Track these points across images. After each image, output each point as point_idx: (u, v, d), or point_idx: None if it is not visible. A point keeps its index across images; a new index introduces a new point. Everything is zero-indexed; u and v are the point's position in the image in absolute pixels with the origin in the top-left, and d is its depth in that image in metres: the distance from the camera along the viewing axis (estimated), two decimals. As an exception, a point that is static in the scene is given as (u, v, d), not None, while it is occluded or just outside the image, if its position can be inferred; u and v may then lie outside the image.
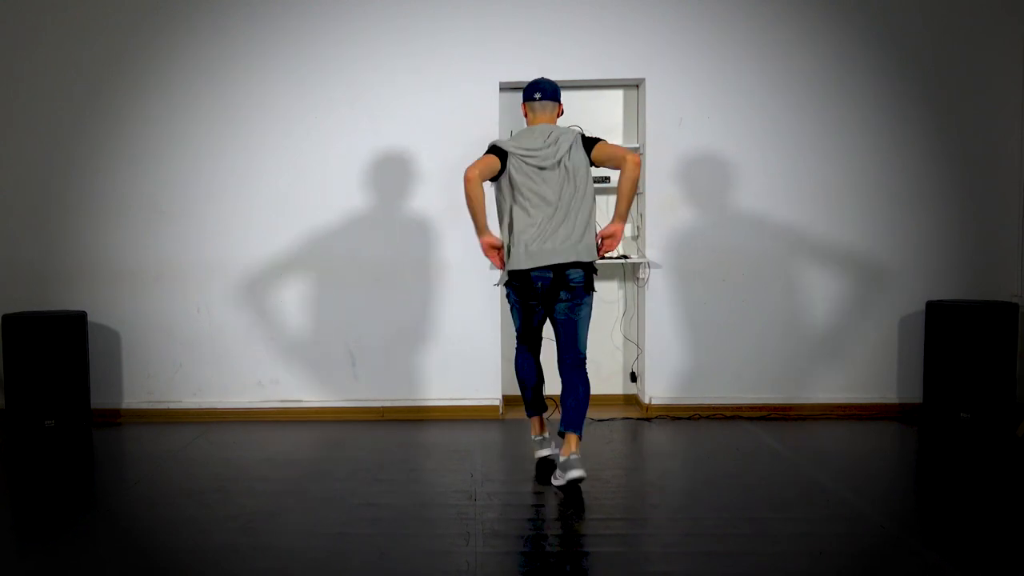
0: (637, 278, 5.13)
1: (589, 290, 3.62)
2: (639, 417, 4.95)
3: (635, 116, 5.19)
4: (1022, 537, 3.08)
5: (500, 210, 3.71)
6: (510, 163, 3.58)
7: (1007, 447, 4.27)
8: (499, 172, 3.62)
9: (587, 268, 3.59)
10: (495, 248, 3.67)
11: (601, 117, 5.16)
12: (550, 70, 4.34)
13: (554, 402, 4.15)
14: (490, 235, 3.66)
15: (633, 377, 5.27)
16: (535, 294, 3.59)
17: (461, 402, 4.99)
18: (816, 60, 4.88)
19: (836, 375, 4.96)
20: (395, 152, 4.95)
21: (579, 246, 3.55)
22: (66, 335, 4.68)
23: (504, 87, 4.96)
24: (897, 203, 4.90)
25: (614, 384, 5.31)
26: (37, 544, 3.12)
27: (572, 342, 3.65)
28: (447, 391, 5.00)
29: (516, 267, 3.58)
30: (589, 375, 3.69)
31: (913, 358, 4.88)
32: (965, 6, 4.85)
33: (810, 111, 4.90)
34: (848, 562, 2.85)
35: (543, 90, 3.70)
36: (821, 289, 4.93)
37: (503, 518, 3.28)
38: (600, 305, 5.17)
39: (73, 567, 2.88)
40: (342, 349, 5.00)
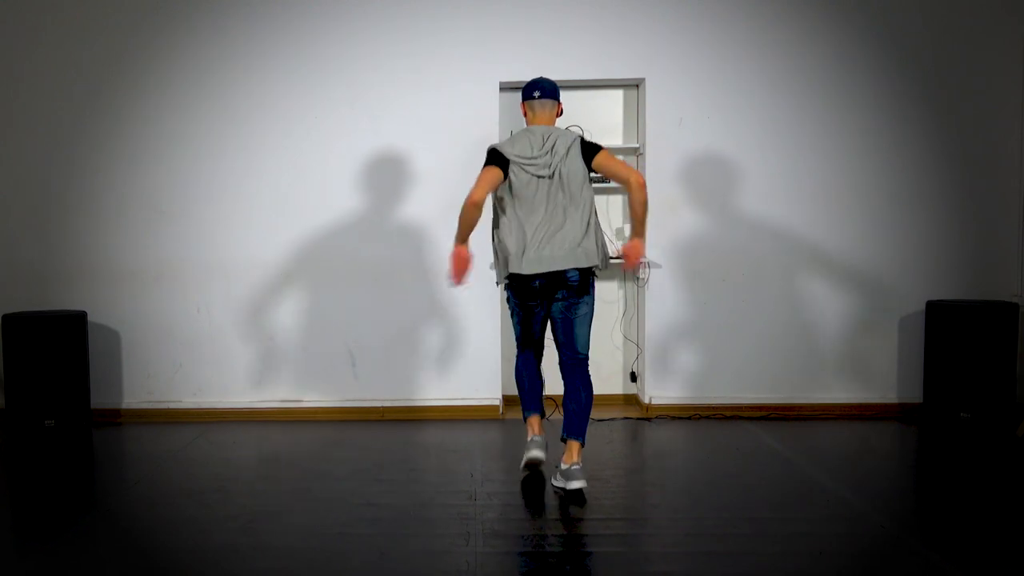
0: (637, 278, 5.13)
1: (583, 293, 3.55)
2: (639, 417, 4.95)
3: (635, 116, 5.19)
4: (1022, 537, 3.08)
5: (497, 212, 3.64)
6: (510, 169, 3.52)
7: (1007, 447, 4.27)
8: (505, 169, 3.54)
9: (584, 271, 3.53)
10: (463, 260, 3.61)
11: (601, 117, 5.16)
12: (550, 70, 4.34)
13: (555, 403, 4.15)
14: (466, 248, 3.61)
15: (633, 377, 5.27)
16: (533, 292, 3.57)
17: (461, 402, 4.98)
18: (816, 60, 4.88)
19: (836, 375, 4.96)
20: (395, 152, 4.95)
21: (576, 251, 3.49)
22: (66, 335, 4.68)
23: (504, 87, 4.95)
24: (897, 203, 4.90)
25: (614, 384, 5.31)
26: (37, 544, 3.12)
27: (570, 342, 3.60)
28: (447, 391, 5.00)
29: (514, 271, 3.53)
30: (590, 375, 3.65)
31: (913, 358, 4.88)
32: (965, 6, 4.85)
33: (810, 111, 4.90)
34: (848, 562, 2.85)
35: (542, 88, 3.65)
36: (821, 289, 4.93)
37: (503, 518, 3.28)
38: (600, 305, 5.13)
39: (73, 567, 2.89)
40: (342, 349, 5.00)
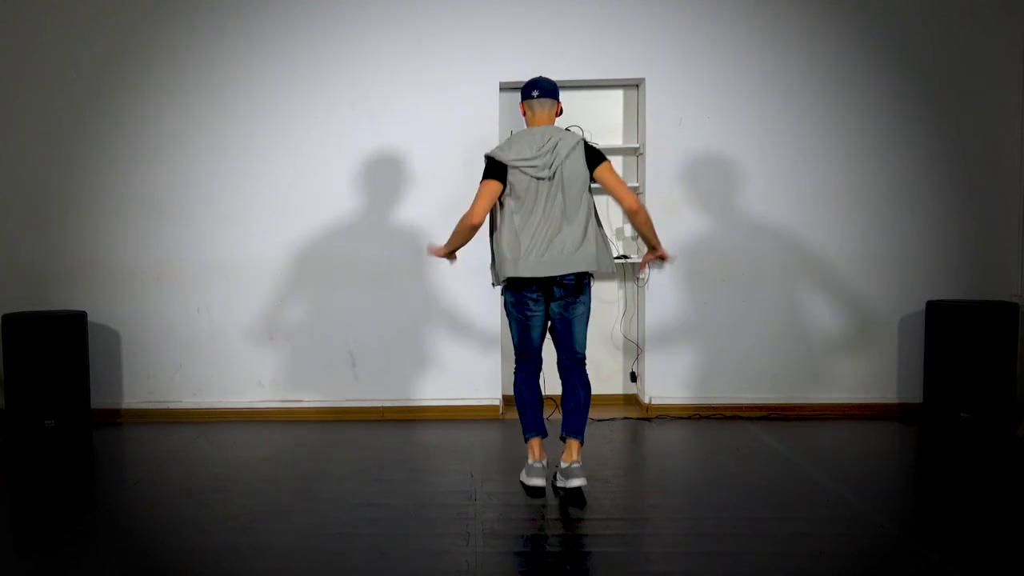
0: (637, 278, 5.13)
1: (579, 293, 3.54)
2: (639, 417, 4.95)
3: (635, 116, 5.19)
4: (1022, 537, 3.08)
5: (495, 214, 3.60)
6: (509, 174, 3.49)
7: (1007, 447, 4.27)
8: (504, 179, 3.51)
9: (580, 274, 3.52)
10: (443, 257, 3.72)
11: (601, 117, 5.16)
12: (550, 70, 4.33)
13: (554, 402, 4.15)
14: (452, 255, 3.71)
15: (633, 377, 5.27)
16: (531, 292, 3.56)
17: (461, 402, 4.98)
18: (816, 60, 4.88)
19: (836, 375, 4.96)
20: (395, 152, 4.95)
21: (575, 257, 3.47)
22: (66, 335, 4.68)
23: (504, 87, 4.95)
24: (897, 203, 4.90)
25: (614, 384, 5.31)
26: (37, 544, 3.13)
27: (569, 342, 3.59)
28: (447, 391, 5.00)
29: (511, 275, 3.51)
30: (589, 375, 3.65)
31: (913, 358, 4.88)
32: (965, 6, 4.85)
33: (810, 111, 4.90)
34: (848, 562, 2.85)
35: (541, 88, 3.61)
36: (821, 289, 4.93)
37: (503, 518, 3.28)
38: (600, 305, 5.18)
39: (73, 567, 2.89)
40: (342, 349, 5.00)
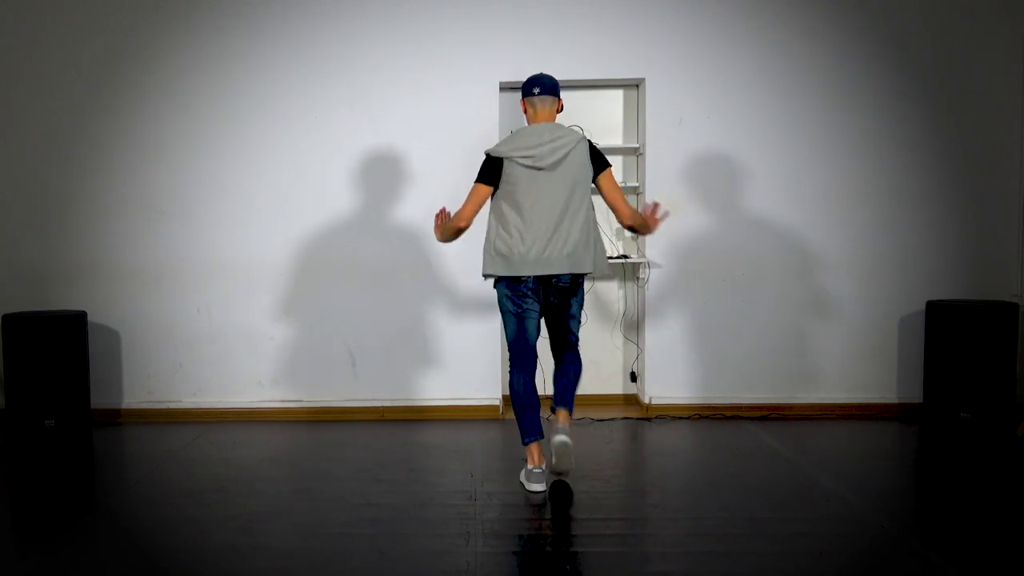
0: (637, 278, 5.13)
1: (573, 294, 3.57)
2: (639, 417, 4.95)
3: (635, 116, 5.19)
4: (1022, 537, 3.08)
5: (492, 209, 3.61)
6: (505, 168, 3.50)
7: (1007, 447, 4.27)
8: (497, 180, 3.53)
9: (575, 275, 3.54)
10: (441, 222, 3.68)
11: (601, 117, 5.16)
12: (550, 70, 4.31)
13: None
14: (451, 231, 3.66)
15: (633, 377, 5.27)
16: (527, 287, 3.56)
17: (461, 402, 4.98)
18: (816, 60, 4.88)
19: (836, 375, 4.96)
20: (395, 152, 4.95)
21: (573, 257, 3.48)
22: (66, 335, 4.67)
23: (504, 87, 4.95)
24: (897, 203, 4.90)
25: (614, 384, 5.31)
26: (37, 544, 3.12)
27: (564, 332, 3.65)
28: (447, 391, 5.00)
29: (507, 273, 3.51)
30: (589, 375, 3.69)
31: (913, 358, 4.88)
32: (965, 6, 4.85)
33: (810, 111, 4.90)
34: (848, 562, 2.85)
35: (542, 84, 3.62)
36: (821, 289, 4.93)
37: (503, 518, 3.28)
38: (600, 305, 5.20)
39: (73, 567, 2.88)
40: (342, 349, 5.00)
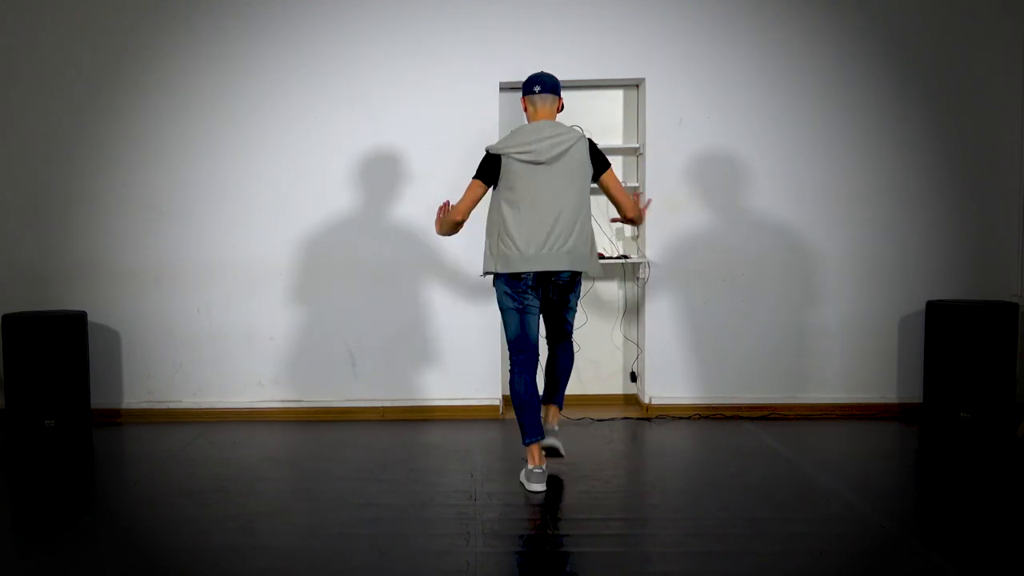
0: (637, 278, 5.13)
1: (570, 291, 3.62)
2: (639, 417, 4.95)
3: (635, 116, 5.19)
4: (1022, 537, 3.08)
5: (492, 206, 3.62)
6: (504, 165, 3.51)
7: (1007, 447, 4.27)
8: (495, 177, 3.55)
9: (574, 272, 3.56)
10: (442, 215, 3.73)
11: (601, 117, 5.16)
12: (550, 70, 4.30)
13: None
14: (448, 224, 3.72)
15: (633, 377, 5.26)
16: (525, 284, 3.56)
17: (461, 402, 4.98)
18: (816, 60, 4.88)
19: (836, 375, 4.96)
20: (395, 152, 4.95)
21: (574, 254, 3.49)
22: (66, 335, 4.67)
23: (504, 87, 4.95)
24: (897, 203, 4.90)
25: (614, 384, 5.30)
26: (37, 544, 3.12)
27: (561, 325, 3.71)
28: (447, 391, 5.00)
29: (507, 270, 3.52)
30: (589, 375, 3.70)
31: (913, 358, 4.88)
32: (965, 6, 4.85)
33: (810, 111, 4.90)
34: (848, 562, 2.85)
35: (543, 83, 3.63)
36: (821, 289, 4.93)
37: (503, 518, 3.28)
38: (600, 305, 5.20)
39: (73, 567, 2.88)
40: (342, 349, 5.00)
